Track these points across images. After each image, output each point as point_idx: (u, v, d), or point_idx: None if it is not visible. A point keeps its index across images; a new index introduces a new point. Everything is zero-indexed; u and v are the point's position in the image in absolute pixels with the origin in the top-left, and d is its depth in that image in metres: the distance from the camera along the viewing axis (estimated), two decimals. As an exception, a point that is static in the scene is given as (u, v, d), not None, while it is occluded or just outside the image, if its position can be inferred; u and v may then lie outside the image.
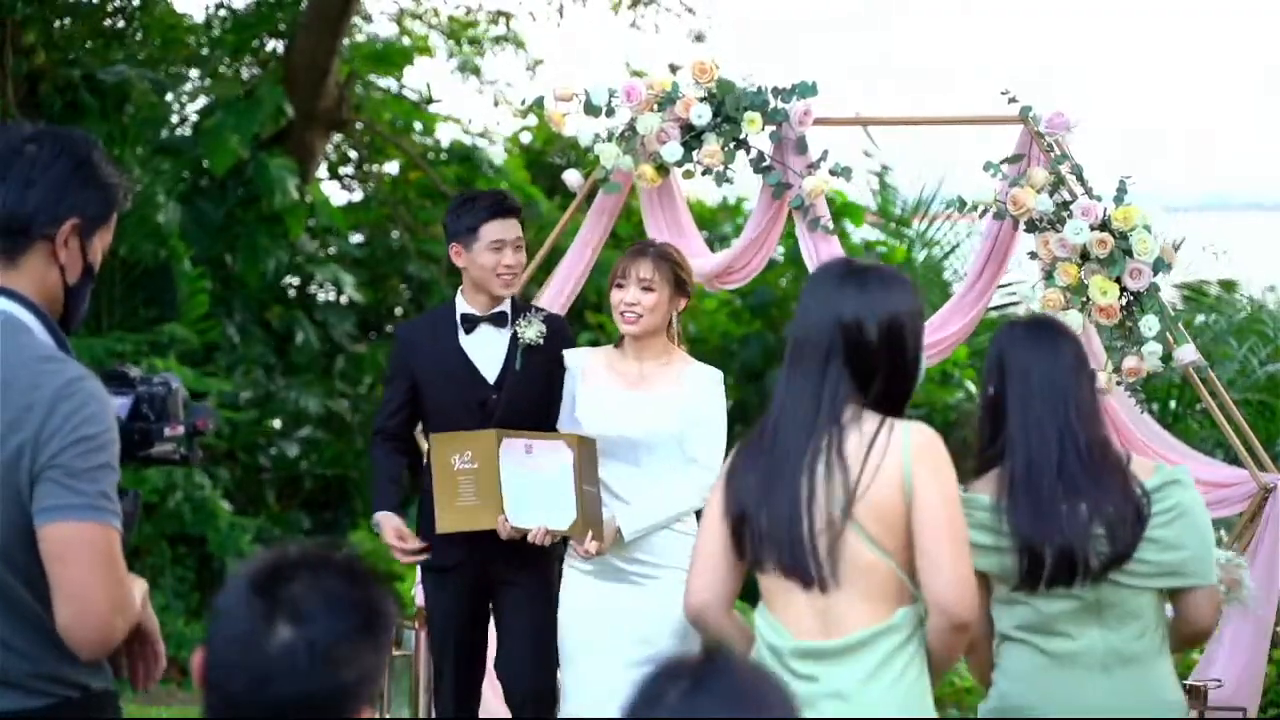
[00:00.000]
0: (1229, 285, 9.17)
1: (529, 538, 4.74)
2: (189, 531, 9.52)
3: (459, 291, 5.05)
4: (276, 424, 11.28)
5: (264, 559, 2.03)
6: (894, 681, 3.10)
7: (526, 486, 4.73)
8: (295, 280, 12.05)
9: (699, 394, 4.69)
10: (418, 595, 5.88)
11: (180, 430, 2.94)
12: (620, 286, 4.71)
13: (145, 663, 2.93)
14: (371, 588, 2.03)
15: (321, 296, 12.16)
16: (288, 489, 11.79)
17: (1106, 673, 3.42)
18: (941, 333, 5.63)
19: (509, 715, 5.18)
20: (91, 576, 2.61)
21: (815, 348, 3.16)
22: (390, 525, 4.94)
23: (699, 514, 3.97)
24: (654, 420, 4.68)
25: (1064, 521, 3.36)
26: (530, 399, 4.92)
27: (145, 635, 2.89)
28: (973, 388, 10.33)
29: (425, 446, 5.99)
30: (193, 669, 2.04)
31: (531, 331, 4.93)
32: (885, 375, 3.15)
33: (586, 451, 4.64)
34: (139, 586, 2.83)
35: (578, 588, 4.83)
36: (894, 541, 3.10)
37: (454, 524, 4.82)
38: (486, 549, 4.88)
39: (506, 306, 4.98)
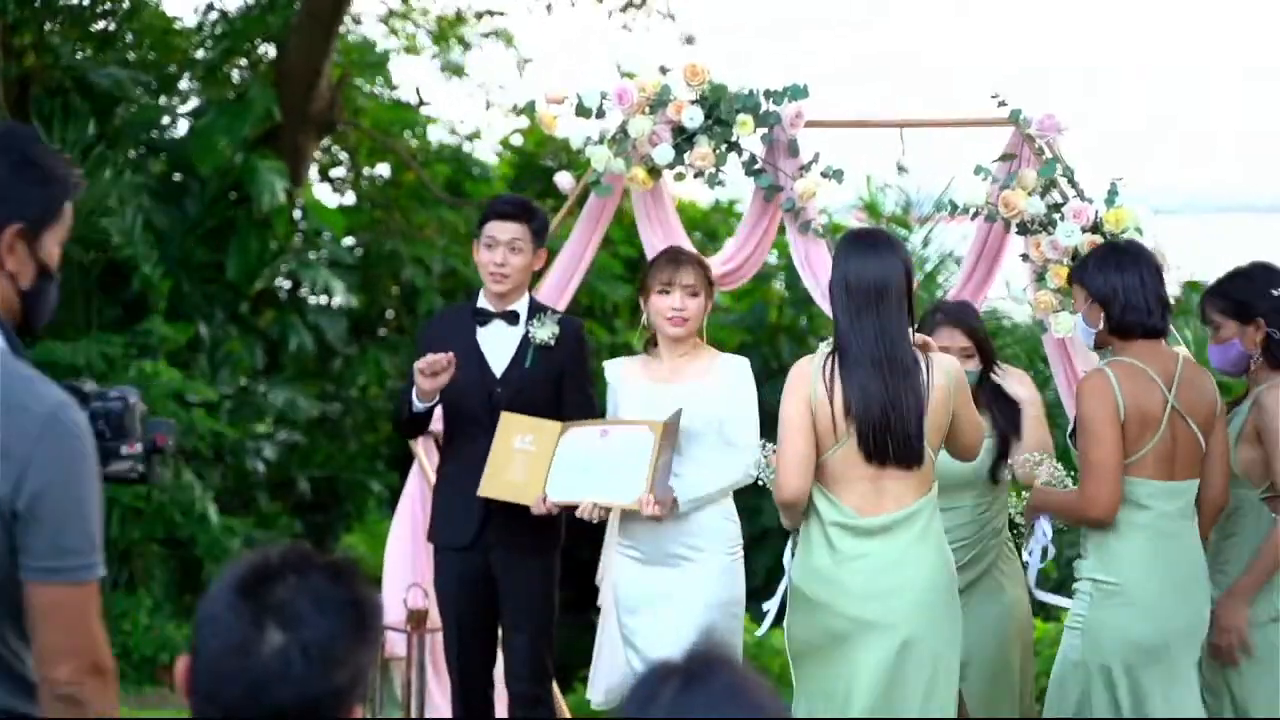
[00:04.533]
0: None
1: (578, 512, 4.95)
2: (179, 535, 9.50)
3: (481, 289, 5.32)
4: (265, 426, 11.26)
5: (247, 563, 2.01)
6: (939, 536, 4.32)
7: (588, 465, 4.95)
8: (287, 284, 12.04)
9: (731, 382, 4.95)
10: (409, 599, 5.88)
11: (138, 448, 2.82)
12: (665, 293, 4.97)
13: None
14: (358, 586, 2.02)
15: (313, 300, 12.14)
16: (279, 492, 11.77)
17: None
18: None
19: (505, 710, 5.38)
20: (69, 637, 2.55)
21: (894, 290, 4.26)
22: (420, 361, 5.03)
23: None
24: (688, 410, 4.90)
25: None
26: (537, 396, 5.14)
27: None
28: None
29: (418, 451, 6.03)
30: (176, 676, 2.02)
31: (544, 332, 5.18)
32: None
33: (668, 431, 4.87)
34: None
35: (625, 573, 5.07)
36: (937, 439, 4.30)
37: (496, 491, 5.03)
38: (497, 532, 5.13)
39: (520, 306, 5.25)
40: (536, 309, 5.27)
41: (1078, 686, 4.45)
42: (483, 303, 5.27)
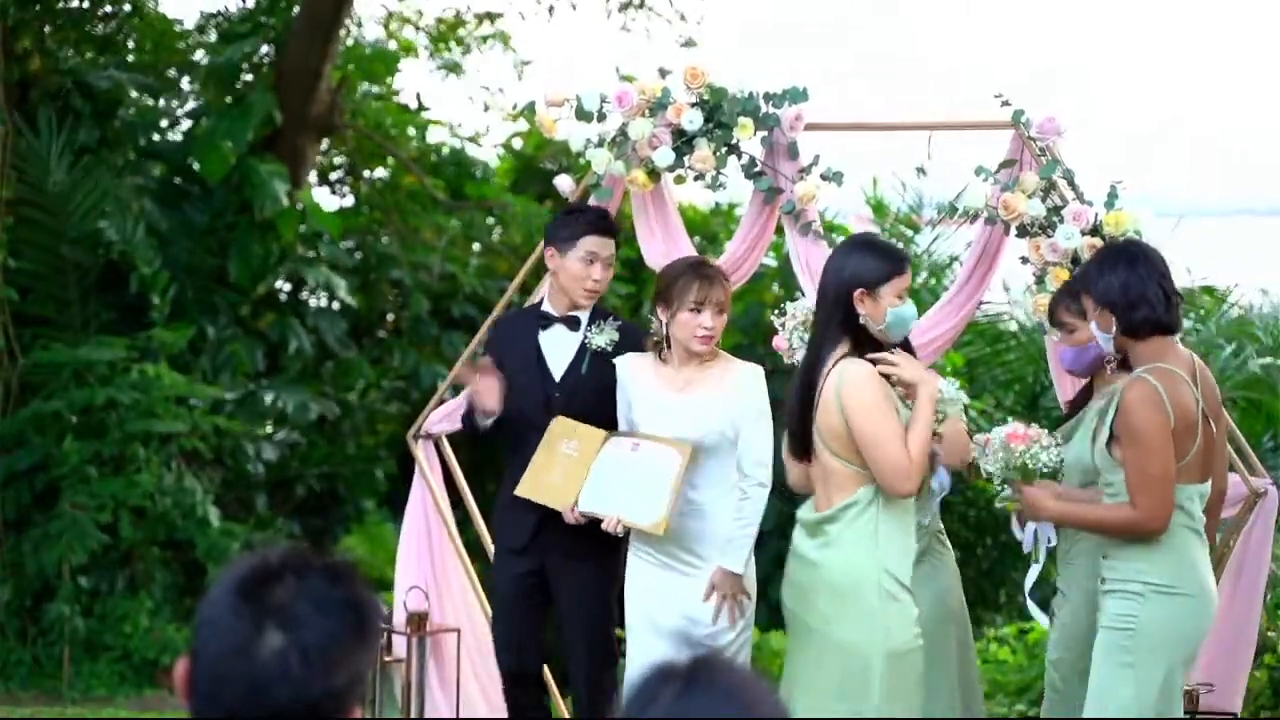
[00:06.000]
0: (1210, 290, 9.17)
1: (603, 525, 4.96)
2: (179, 537, 9.49)
3: (547, 291, 5.36)
4: (264, 430, 11.24)
5: (246, 565, 2.01)
6: (856, 541, 4.38)
7: (618, 479, 4.96)
8: (286, 286, 12.02)
9: (746, 392, 4.95)
10: (409, 602, 5.89)
11: None
12: (696, 310, 4.90)
13: None
14: (357, 588, 2.02)
15: (313, 302, 12.14)
16: (279, 495, 11.76)
17: None
18: (931, 334, 5.64)
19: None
20: None
21: (824, 294, 4.48)
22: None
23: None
24: (703, 421, 4.91)
25: None
26: (590, 402, 5.16)
27: None
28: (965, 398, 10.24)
29: (419, 455, 6.04)
30: (176, 678, 2.02)
31: (602, 338, 5.21)
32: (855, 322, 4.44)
33: (690, 458, 4.90)
34: None
35: (640, 572, 5.07)
36: (838, 444, 4.37)
37: (532, 492, 5.09)
38: (551, 537, 5.16)
39: (583, 312, 5.26)
40: (598, 315, 5.28)
41: (1129, 687, 4.41)
42: (547, 306, 5.31)
